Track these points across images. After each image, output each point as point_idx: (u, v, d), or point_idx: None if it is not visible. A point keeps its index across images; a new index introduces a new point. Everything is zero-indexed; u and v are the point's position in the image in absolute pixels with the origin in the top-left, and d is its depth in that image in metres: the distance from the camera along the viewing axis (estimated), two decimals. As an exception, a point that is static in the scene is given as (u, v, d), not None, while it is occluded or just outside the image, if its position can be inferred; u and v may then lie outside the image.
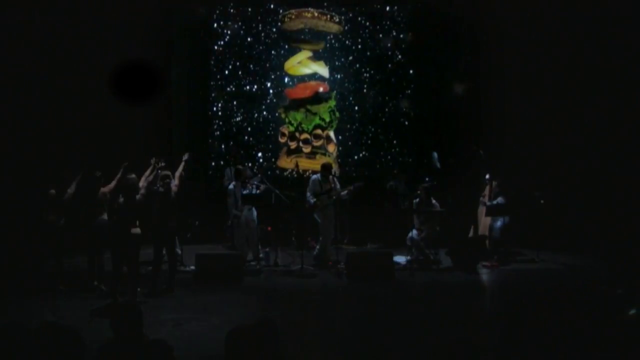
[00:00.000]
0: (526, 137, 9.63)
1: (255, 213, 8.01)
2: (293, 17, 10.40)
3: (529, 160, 9.42)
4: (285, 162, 10.60)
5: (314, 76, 10.98)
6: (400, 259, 8.02)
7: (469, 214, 8.67)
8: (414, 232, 7.97)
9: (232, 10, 11.13)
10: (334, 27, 10.57)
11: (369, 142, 11.28)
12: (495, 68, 9.92)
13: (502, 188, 8.28)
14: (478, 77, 10.29)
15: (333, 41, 11.17)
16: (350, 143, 11.27)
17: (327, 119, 10.48)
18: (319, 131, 10.46)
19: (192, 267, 7.33)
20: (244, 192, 8.04)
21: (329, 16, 10.48)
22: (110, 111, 9.06)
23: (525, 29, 9.55)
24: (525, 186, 8.89)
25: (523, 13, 9.54)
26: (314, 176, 8.16)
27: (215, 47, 11.17)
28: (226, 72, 11.23)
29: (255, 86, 11.29)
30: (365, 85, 11.34)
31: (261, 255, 8.05)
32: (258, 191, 8.12)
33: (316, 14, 10.40)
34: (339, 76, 11.30)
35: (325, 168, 8.15)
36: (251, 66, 11.25)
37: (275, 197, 7.97)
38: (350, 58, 11.30)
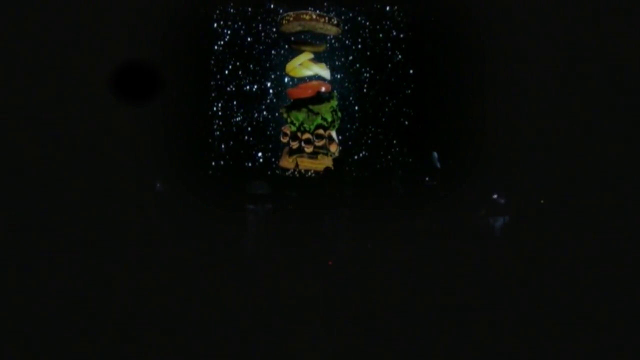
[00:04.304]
0: (526, 136, 9.65)
1: (257, 212, 8.00)
2: (291, 19, 10.35)
3: (529, 159, 9.43)
4: (287, 162, 10.57)
5: (315, 76, 10.98)
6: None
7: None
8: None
9: (232, 10, 11.14)
10: (333, 29, 10.52)
11: (369, 142, 11.30)
12: (495, 68, 9.93)
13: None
14: (478, 76, 10.30)
15: (333, 41, 11.19)
16: (350, 143, 11.28)
17: (329, 119, 10.47)
18: (320, 131, 10.43)
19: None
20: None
21: (327, 18, 10.42)
22: (109, 111, 9.01)
23: (525, 28, 9.58)
24: (525, 186, 8.89)
25: (523, 12, 9.57)
26: None
27: (215, 47, 11.15)
28: (226, 72, 11.23)
29: (255, 86, 11.30)
30: (365, 85, 11.37)
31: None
32: (262, 191, 8.13)
33: (314, 16, 10.31)
34: (339, 76, 11.33)
35: None
36: (251, 66, 11.26)
37: None
38: (350, 58, 11.35)
